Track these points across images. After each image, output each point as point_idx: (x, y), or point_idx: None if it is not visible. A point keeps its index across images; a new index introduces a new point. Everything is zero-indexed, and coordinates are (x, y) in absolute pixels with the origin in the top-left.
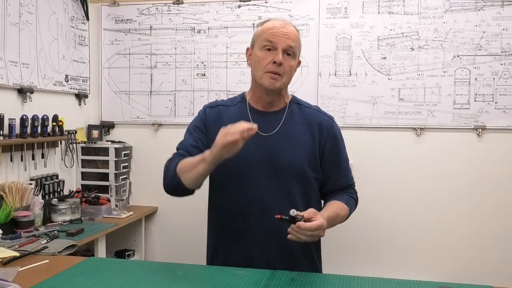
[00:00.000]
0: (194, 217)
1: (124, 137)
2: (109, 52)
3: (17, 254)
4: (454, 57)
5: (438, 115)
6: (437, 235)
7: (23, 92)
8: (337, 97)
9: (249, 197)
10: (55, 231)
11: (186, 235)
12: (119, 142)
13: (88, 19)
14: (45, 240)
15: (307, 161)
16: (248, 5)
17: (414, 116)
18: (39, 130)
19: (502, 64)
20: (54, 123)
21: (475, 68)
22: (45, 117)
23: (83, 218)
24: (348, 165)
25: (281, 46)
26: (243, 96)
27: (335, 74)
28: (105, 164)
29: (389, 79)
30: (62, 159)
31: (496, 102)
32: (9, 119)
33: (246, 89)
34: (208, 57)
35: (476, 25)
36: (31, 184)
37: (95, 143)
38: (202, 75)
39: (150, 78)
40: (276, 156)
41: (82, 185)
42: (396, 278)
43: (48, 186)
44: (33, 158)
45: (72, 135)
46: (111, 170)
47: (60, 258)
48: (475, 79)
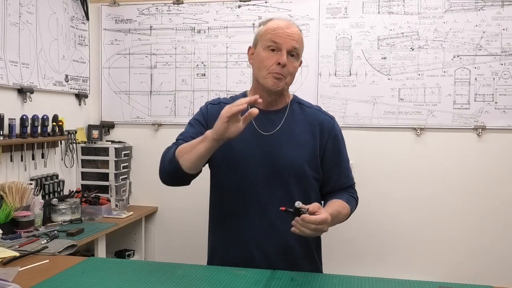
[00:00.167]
0: (194, 217)
1: (124, 137)
2: (109, 52)
3: (17, 254)
4: (454, 57)
5: (438, 115)
6: (437, 235)
7: (23, 92)
8: (337, 97)
9: (249, 196)
10: (55, 231)
11: (186, 235)
12: (119, 142)
13: (88, 19)
14: (45, 240)
15: (307, 161)
16: (248, 5)
17: (414, 116)
18: (39, 130)
19: (502, 64)
20: (54, 123)
21: (475, 68)
22: (45, 117)
23: (83, 218)
24: (349, 165)
25: (286, 47)
26: (245, 95)
27: (335, 74)
28: (105, 164)
29: (389, 79)
30: (62, 159)
31: (496, 102)
32: (9, 119)
33: (246, 89)
34: (208, 57)
35: (476, 25)
36: (31, 184)
37: (95, 143)
38: (202, 75)
39: (150, 78)
40: (277, 155)
41: (82, 185)
42: (396, 278)
43: (48, 186)
44: (33, 158)
45: (72, 135)
46: (111, 170)
47: (60, 258)
48: (475, 79)
